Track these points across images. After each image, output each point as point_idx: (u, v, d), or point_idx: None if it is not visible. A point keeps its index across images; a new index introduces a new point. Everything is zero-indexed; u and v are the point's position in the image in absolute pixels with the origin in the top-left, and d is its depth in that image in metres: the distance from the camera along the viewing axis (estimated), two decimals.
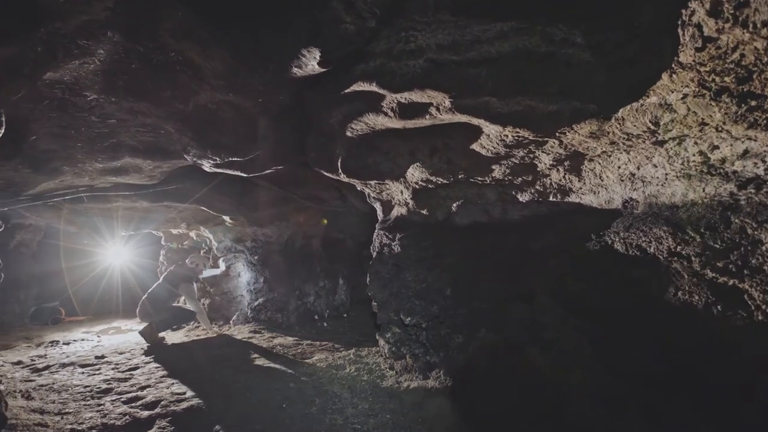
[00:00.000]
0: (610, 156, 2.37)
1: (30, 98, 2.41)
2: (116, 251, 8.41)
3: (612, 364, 2.24)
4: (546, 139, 2.46)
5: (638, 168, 2.26)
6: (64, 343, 6.26)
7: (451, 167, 3.14)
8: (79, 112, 2.67)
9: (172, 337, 6.11)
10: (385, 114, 2.55)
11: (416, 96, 2.26)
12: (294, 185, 5.26)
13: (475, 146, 2.82)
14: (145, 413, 3.03)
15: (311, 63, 2.07)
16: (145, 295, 5.89)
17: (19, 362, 5.02)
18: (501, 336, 2.77)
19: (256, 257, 6.43)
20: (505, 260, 3.23)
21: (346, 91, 2.40)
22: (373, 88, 2.24)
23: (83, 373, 4.26)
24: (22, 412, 2.86)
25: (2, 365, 4.91)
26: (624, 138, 2.12)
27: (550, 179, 2.87)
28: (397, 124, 2.70)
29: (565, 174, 2.73)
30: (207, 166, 3.47)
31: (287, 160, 3.64)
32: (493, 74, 2.08)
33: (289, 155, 3.51)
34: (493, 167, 3.00)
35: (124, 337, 6.66)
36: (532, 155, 2.71)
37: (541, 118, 2.25)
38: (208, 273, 6.89)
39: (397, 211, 4.00)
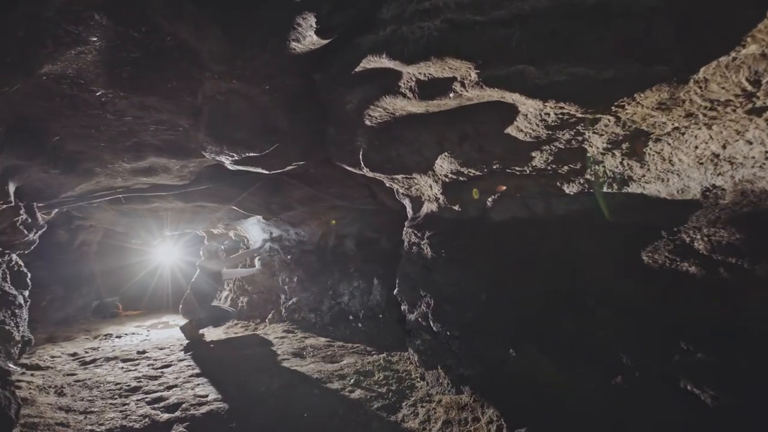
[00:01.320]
0: (684, 133, 1.85)
1: (40, 96, 2.28)
2: (166, 250, 8.61)
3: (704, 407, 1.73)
4: (598, 116, 1.98)
5: (724, 147, 1.73)
6: (116, 337, 6.43)
7: (483, 156, 2.70)
8: (93, 110, 2.52)
9: (211, 333, 6.09)
10: (404, 95, 2.18)
11: (435, 69, 1.87)
12: (323, 183, 4.99)
13: (510, 130, 2.37)
14: (165, 416, 2.86)
15: (309, 33, 1.75)
16: (186, 294, 5.91)
17: (74, 354, 5.16)
18: (548, 353, 2.30)
19: (289, 256, 6.27)
20: (550, 262, 2.75)
21: (356, 70, 2.06)
22: (384, 61, 1.87)
23: (122, 368, 4.24)
24: (48, 409, 2.79)
25: (60, 356, 5.06)
26: (706, 107, 1.61)
27: (604, 166, 2.36)
28: (418, 107, 2.31)
29: (623, 159, 2.22)
30: (227, 162, 3.26)
31: (309, 156, 3.36)
32: (528, 35, 1.65)
33: (309, 150, 3.22)
34: (533, 154, 2.53)
35: (170, 332, 6.75)
36: (580, 137, 2.22)
37: (591, 88, 1.78)
38: (244, 271, 6.86)
39: (427, 207, 3.60)
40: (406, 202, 3.98)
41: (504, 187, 2.97)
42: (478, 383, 2.72)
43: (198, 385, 3.49)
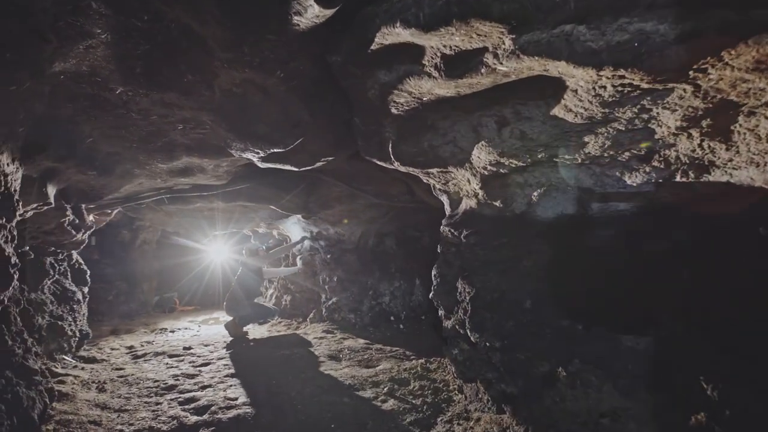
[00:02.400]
0: None
1: (64, 96, 2.26)
2: (217, 248, 8.89)
3: None
4: (671, 85, 1.57)
5: None
6: (170, 331, 6.68)
7: (526, 144, 2.34)
8: (117, 109, 2.48)
9: (255, 331, 6.13)
10: (429, 75, 1.89)
11: (461, 38, 1.56)
12: (360, 181, 4.80)
13: (557, 110, 2.00)
14: (193, 419, 2.78)
15: (309, 3, 1.52)
16: (229, 291, 5.99)
17: (130, 347, 5.38)
18: (607, 376, 1.91)
19: (329, 256, 6.15)
20: (607, 266, 2.33)
21: (372, 48, 1.80)
22: (400, 32, 1.60)
23: (166, 364, 4.31)
24: (85, 406, 2.82)
25: (118, 348, 5.29)
26: None
27: (677, 150, 1.92)
28: (447, 88, 2.01)
29: (702, 140, 1.77)
30: (255, 160, 3.14)
31: (337, 150, 3.15)
32: None
33: (336, 144, 3.02)
34: (586, 139, 2.13)
35: (219, 328, 6.90)
36: (645, 115, 1.81)
37: (661, 48, 1.39)
38: (286, 270, 6.86)
39: (466, 204, 3.26)
40: (444, 199, 3.66)
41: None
42: (521, 403, 2.36)
43: (231, 386, 3.42)
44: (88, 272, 5.17)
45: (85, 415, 2.68)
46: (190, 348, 5.07)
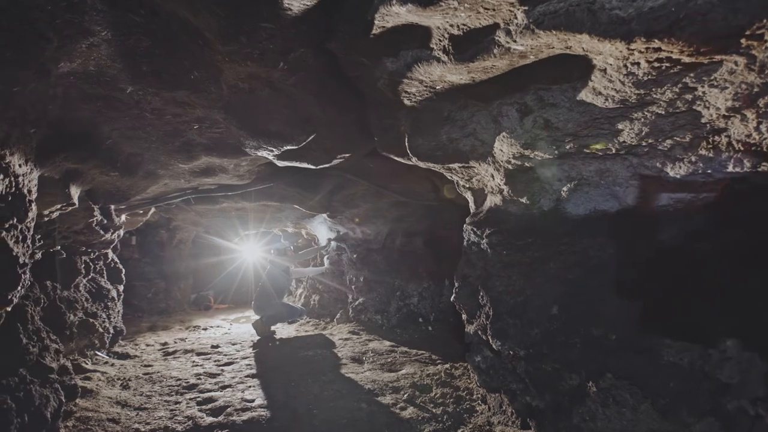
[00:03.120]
0: None
1: (78, 98, 2.29)
2: (249, 248, 9.07)
3: None
4: (718, 57, 1.34)
5: None
6: (203, 329, 6.87)
7: (552, 133, 2.13)
8: (131, 110, 2.51)
9: (283, 331, 6.18)
10: (438, 59, 1.74)
11: (467, 14, 1.41)
12: (383, 179, 4.69)
13: (584, 95, 1.79)
14: (208, 420, 2.78)
15: None
16: (257, 291, 6.07)
17: (164, 344, 5.57)
18: (644, 394, 1.68)
19: (355, 255, 6.08)
20: (647, 269, 2.08)
21: (374, 32, 1.68)
22: (398, 10, 1.46)
23: (193, 362, 4.40)
24: (106, 403, 2.89)
25: (153, 344, 5.49)
26: None
27: (729, 136, 1.66)
28: (460, 74, 1.85)
29: (760, 122, 1.52)
30: (270, 157, 3.11)
31: (353, 147, 3.06)
32: None
33: (351, 140, 2.92)
34: (620, 126, 1.91)
35: (248, 326, 7.03)
36: (689, 96, 1.57)
37: (704, 12, 1.17)
38: (314, 270, 6.87)
39: (491, 201, 3.07)
40: (468, 196, 3.48)
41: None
42: (548, 419, 2.16)
43: (250, 387, 3.41)
44: (123, 271, 5.38)
45: (105, 413, 2.74)
46: (217, 346, 5.16)
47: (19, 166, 1.89)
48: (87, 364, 3.58)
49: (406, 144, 2.73)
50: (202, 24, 1.71)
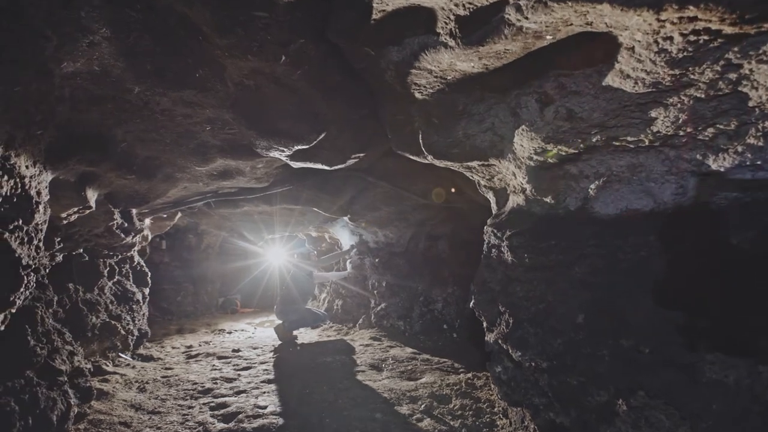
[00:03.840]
0: None
1: (86, 99, 2.32)
2: (275, 252, 9.16)
3: None
4: (767, 26, 1.15)
5: None
6: (227, 332, 6.96)
7: (576, 125, 1.96)
8: (141, 111, 2.53)
9: (305, 335, 6.15)
10: (445, 45, 1.62)
11: None
12: (404, 180, 4.58)
13: (611, 79, 1.62)
14: (219, 426, 2.74)
15: None
16: (279, 295, 6.08)
17: (189, 346, 5.66)
18: (681, 419, 1.48)
19: (377, 260, 5.98)
20: (685, 274, 1.87)
21: (375, 18, 1.58)
22: None
23: (213, 366, 4.41)
24: (120, 407, 2.91)
25: (178, 347, 5.59)
26: None
27: None
28: (470, 61, 1.72)
29: None
30: (283, 158, 3.07)
31: (367, 145, 2.97)
32: None
33: (364, 138, 2.83)
34: (653, 114, 1.72)
35: (272, 330, 7.07)
36: (733, 75, 1.38)
37: None
38: (336, 275, 6.82)
39: (513, 201, 2.89)
40: (490, 196, 3.31)
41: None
42: None
43: (264, 393, 3.37)
44: (149, 274, 5.52)
45: (118, 416, 2.76)
46: (238, 350, 5.18)
47: (26, 167, 1.91)
48: (108, 366, 3.66)
49: (420, 141, 2.61)
50: (198, 17, 1.68)
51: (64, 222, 2.96)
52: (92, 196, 2.92)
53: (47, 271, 2.93)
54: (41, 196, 2.06)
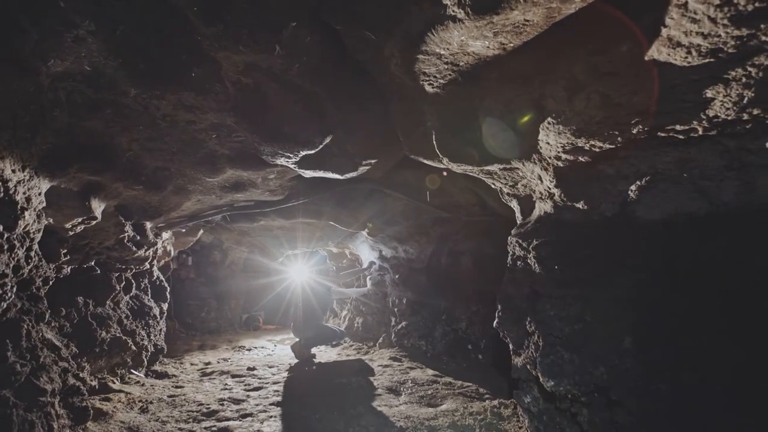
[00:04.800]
0: None
1: (84, 104, 2.19)
2: (298, 268, 9.01)
3: None
4: None
5: None
6: (247, 349, 6.77)
7: (612, 113, 1.65)
8: (142, 116, 2.41)
9: (324, 354, 5.88)
10: (454, 18, 1.38)
11: None
12: (422, 192, 4.31)
13: (655, 50, 1.33)
14: None
15: None
16: (296, 312, 5.86)
17: (207, 363, 5.50)
18: None
19: (397, 276, 5.69)
20: (754, 289, 1.50)
21: None
22: None
23: (224, 385, 4.19)
24: (117, 428, 2.71)
25: (197, 364, 5.43)
26: None
27: None
28: (484, 38, 1.47)
29: None
30: (290, 165, 2.88)
31: (379, 150, 2.74)
32: None
33: (375, 141, 2.61)
34: (708, 93, 1.40)
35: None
36: None
37: None
38: (355, 291, 6.56)
39: (540, 208, 2.57)
40: (514, 205, 3.00)
41: None
42: None
43: (271, 417, 3.10)
44: (168, 288, 5.43)
45: None
46: (254, 368, 4.96)
47: (12, 171, 1.78)
48: (115, 383, 3.50)
49: (434, 143, 2.36)
50: (180, 1, 1.51)
51: (70, 234, 2.86)
52: (98, 206, 2.81)
53: (51, 283, 2.82)
54: (31, 203, 1.93)
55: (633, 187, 1.96)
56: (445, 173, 3.67)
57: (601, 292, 1.85)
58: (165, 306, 5.29)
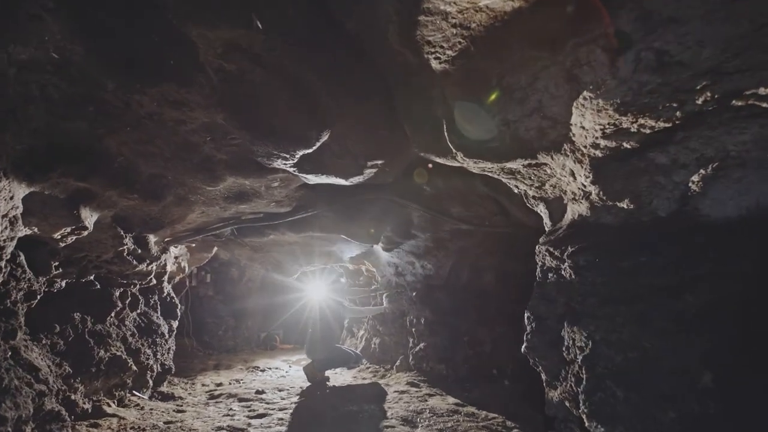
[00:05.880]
0: None
1: (63, 102, 1.97)
2: (315, 286, 8.69)
3: None
4: None
5: None
6: (260, 370, 6.42)
7: (669, 78, 1.26)
8: (125, 115, 2.17)
9: (339, 377, 5.46)
10: None
11: None
12: (439, 202, 3.96)
13: None
14: None
15: None
16: (309, 333, 5.51)
17: (219, 384, 5.18)
18: None
19: (414, 293, 5.26)
20: None
21: None
22: None
23: (228, 410, 3.83)
24: None
25: (208, 385, 5.12)
26: None
27: None
28: None
29: None
30: (289, 168, 2.59)
31: (386, 149, 2.42)
32: None
33: (380, 138, 2.29)
34: None
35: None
36: None
37: None
38: (371, 310, 6.17)
39: (572, 211, 2.16)
40: (541, 209, 2.59)
41: None
42: None
43: None
44: (180, 306, 5.20)
45: None
46: (262, 392, 4.60)
47: None
48: (110, 406, 3.21)
49: (446, 135, 2.01)
50: None
51: (62, 245, 2.64)
52: (88, 216, 2.59)
53: (40, 297, 2.59)
54: None
55: (695, 178, 1.54)
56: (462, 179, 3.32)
57: (662, 309, 1.41)
58: (175, 324, 5.04)
